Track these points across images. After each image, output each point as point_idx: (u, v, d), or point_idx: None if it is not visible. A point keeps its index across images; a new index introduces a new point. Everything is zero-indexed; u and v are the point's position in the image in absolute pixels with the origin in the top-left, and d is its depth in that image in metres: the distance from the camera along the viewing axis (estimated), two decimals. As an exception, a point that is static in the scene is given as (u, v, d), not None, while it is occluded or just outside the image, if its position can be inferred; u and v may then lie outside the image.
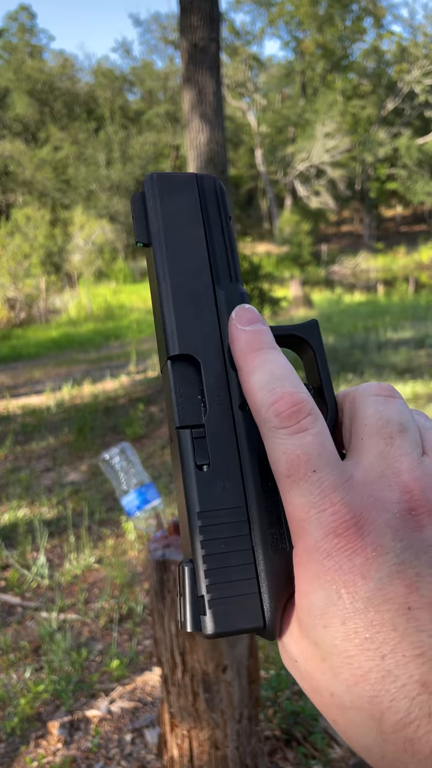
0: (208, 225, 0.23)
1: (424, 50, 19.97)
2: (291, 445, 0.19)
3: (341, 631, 0.17)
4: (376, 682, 0.17)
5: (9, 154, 19.02)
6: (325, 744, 1.28)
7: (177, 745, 1.08)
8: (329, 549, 0.18)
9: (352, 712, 0.17)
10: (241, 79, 21.81)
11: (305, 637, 0.19)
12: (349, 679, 0.17)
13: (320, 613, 0.18)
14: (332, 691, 0.18)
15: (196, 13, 4.98)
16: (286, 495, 0.19)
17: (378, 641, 0.17)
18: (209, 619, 0.19)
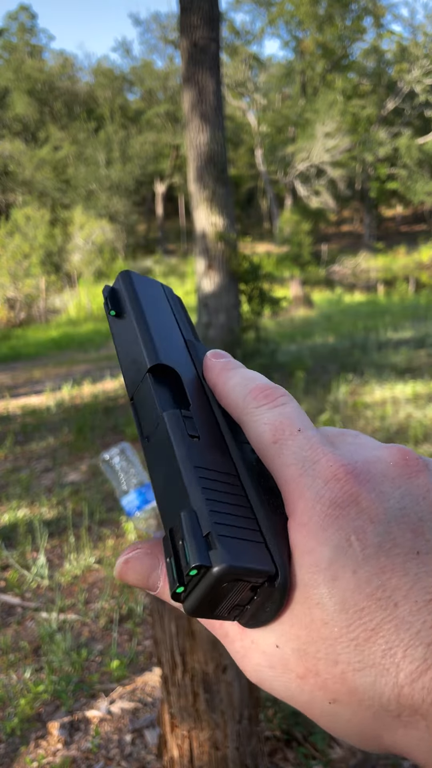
0: (174, 307, 0.27)
1: (425, 50, 19.96)
2: (273, 415, 0.20)
3: (352, 581, 0.17)
4: (389, 633, 0.16)
5: (9, 154, 19.01)
6: (325, 744, 1.28)
7: (177, 745, 1.08)
8: (333, 495, 0.18)
9: (361, 674, 0.16)
10: (241, 78, 21.81)
11: (304, 602, 0.18)
12: (359, 636, 0.16)
13: (328, 565, 0.17)
14: (336, 659, 0.17)
15: (196, 12, 4.97)
16: (275, 461, 0.19)
17: (390, 588, 0.16)
18: (221, 551, 0.17)
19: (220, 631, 0.20)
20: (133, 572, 0.21)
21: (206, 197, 5.22)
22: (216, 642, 1.03)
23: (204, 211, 5.25)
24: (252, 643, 0.19)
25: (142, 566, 0.21)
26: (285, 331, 8.06)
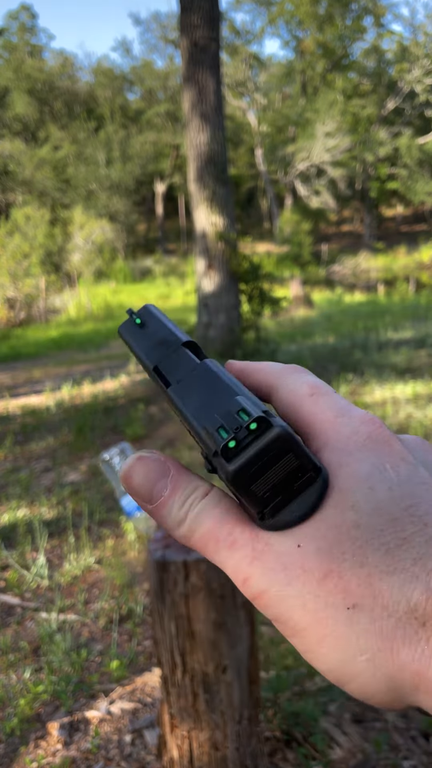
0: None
1: (425, 49, 19.94)
2: (310, 377, 0.22)
3: (387, 494, 0.18)
4: (421, 545, 0.17)
5: (9, 154, 19.01)
6: (325, 745, 1.28)
7: (177, 745, 1.08)
8: (369, 431, 0.19)
9: (389, 578, 0.17)
10: (242, 78, 21.80)
11: (337, 505, 0.18)
12: (391, 542, 0.17)
13: (365, 477, 0.18)
14: (363, 561, 0.17)
15: (197, 12, 4.97)
16: (311, 409, 0.21)
17: (421, 511, 0.18)
18: (278, 421, 0.18)
19: (228, 538, 0.19)
20: (143, 472, 0.20)
21: (206, 197, 5.21)
22: (216, 642, 1.02)
23: (204, 211, 5.24)
24: (266, 545, 0.19)
25: (154, 470, 0.20)
26: (285, 331, 8.05)
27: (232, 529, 0.19)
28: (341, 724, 1.36)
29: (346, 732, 1.33)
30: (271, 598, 0.18)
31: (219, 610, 1.02)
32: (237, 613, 1.05)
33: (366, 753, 1.26)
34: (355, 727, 1.35)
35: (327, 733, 1.32)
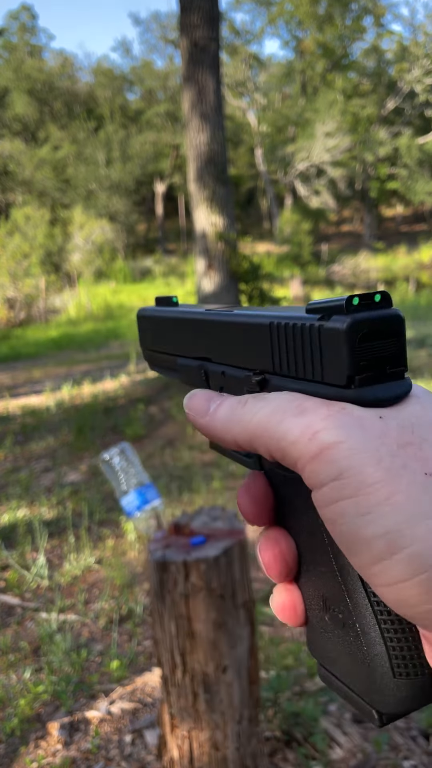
0: None
1: (425, 49, 19.94)
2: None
3: None
4: None
5: (8, 154, 19.00)
6: (325, 745, 1.28)
7: (177, 746, 1.08)
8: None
9: None
10: (241, 78, 21.79)
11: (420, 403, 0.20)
12: None
13: None
14: None
15: (196, 12, 4.96)
16: None
17: None
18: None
19: (297, 408, 0.20)
20: (200, 393, 0.24)
21: (206, 197, 5.21)
22: (216, 642, 1.02)
23: (204, 211, 5.24)
24: (343, 408, 0.19)
25: (209, 392, 0.24)
26: (285, 331, 8.03)
27: (301, 402, 0.20)
28: (341, 724, 1.36)
29: (346, 732, 1.33)
30: (342, 450, 0.18)
31: (219, 610, 1.02)
32: (237, 613, 1.05)
33: (366, 753, 1.26)
34: (356, 727, 1.35)
35: (327, 733, 1.32)
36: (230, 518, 1.16)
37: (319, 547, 0.23)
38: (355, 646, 0.23)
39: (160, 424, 4.18)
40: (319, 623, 0.25)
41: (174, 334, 0.33)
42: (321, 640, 0.25)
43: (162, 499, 1.24)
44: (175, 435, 3.91)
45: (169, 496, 2.80)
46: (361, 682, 0.23)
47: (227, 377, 0.27)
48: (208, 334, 0.29)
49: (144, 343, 0.37)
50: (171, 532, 1.11)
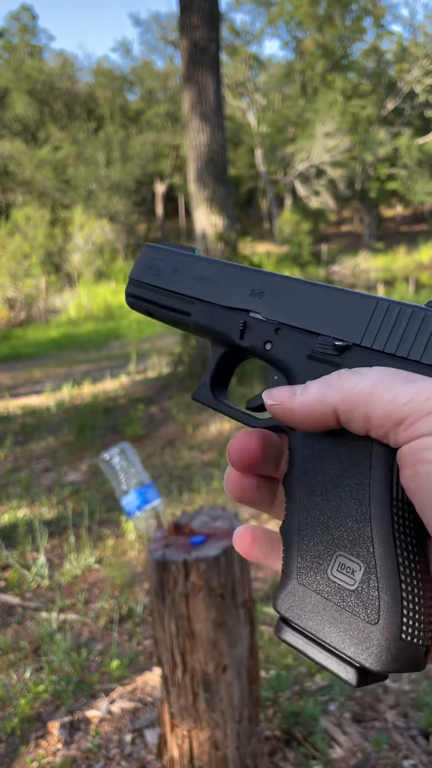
0: None
1: (425, 50, 19.95)
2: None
3: None
4: None
5: (9, 154, 19.01)
6: (325, 744, 1.28)
7: (177, 745, 1.08)
8: None
9: None
10: (241, 78, 21.79)
11: None
12: None
13: None
14: None
15: (196, 12, 4.97)
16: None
17: None
18: None
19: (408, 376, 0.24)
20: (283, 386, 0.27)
21: (206, 197, 5.21)
22: (216, 642, 1.03)
23: (204, 211, 5.25)
24: None
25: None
26: (285, 331, 8.03)
27: (408, 374, 0.23)
28: (341, 723, 1.36)
29: (346, 731, 1.33)
30: None
31: (219, 610, 1.02)
32: (237, 612, 1.05)
33: (366, 752, 1.26)
34: (355, 727, 1.35)
35: (327, 733, 1.32)
36: (230, 518, 1.16)
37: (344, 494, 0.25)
38: (360, 599, 0.23)
39: (160, 424, 4.18)
40: (306, 577, 0.25)
41: (203, 278, 0.33)
42: (299, 594, 0.25)
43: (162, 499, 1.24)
44: (175, 435, 3.91)
45: (170, 496, 2.81)
46: (351, 636, 0.23)
47: (282, 334, 0.28)
48: (269, 290, 0.30)
49: (141, 276, 0.36)
50: (171, 531, 1.11)
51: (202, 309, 0.32)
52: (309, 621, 0.25)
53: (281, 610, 0.26)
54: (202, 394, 0.32)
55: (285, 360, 0.28)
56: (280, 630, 0.26)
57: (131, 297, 0.37)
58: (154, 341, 8.25)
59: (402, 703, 1.43)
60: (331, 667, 0.24)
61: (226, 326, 0.31)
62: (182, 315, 0.34)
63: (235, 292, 0.31)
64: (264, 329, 0.29)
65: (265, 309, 0.30)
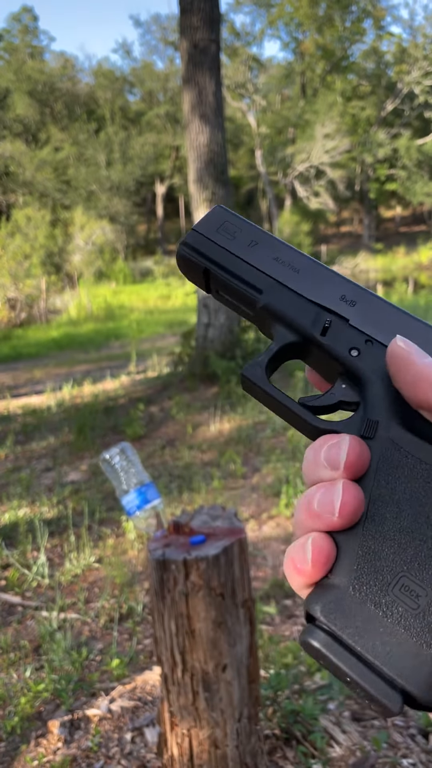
0: None
1: (424, 51, 19.99)
2: None
3: None
4: None
5: (9, 155, 19.04)
6: (324, 743, 1.28)
7: (177, 744, 1.09)
8: None
9: None
10: (241, 80, 21.83)
11: None
12: None
13: None
14: None
15: (197, 14, 4.98)
16: None
17: None
18: None
19: None
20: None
21: (206, 198, 5.23)
22: (216, 641, 1.03)
23: (204, 212, 5.25)
24: None
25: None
26: (285, 332, 8.05)
27: None
28: (340, 722, 1.36)
29: (345, 730, 1.33)
30: None
31: (219, 609, 1.03)
32: (237, 611, 1.05)
33: (365, 751, 1.27)
34: (355, 726, 1.35)
35: (326, 732, 1.32)
36: (230, 517, 1.17)
37: (421, 517, 0.24)
38: (422, 622, 0.22)
39: (160, 424, 4.19)
40: (363, 587, 0.23)
41: (286, 263, 0.31)
42: (348, 602, 0.23)
43: (162, 499, 1.24)
44: (175, 435, 3.91)
45: (169, 496, 2.81)
46: (403, 658, 0.21)
47: (371, 347, 0.28)
48: (361, 301, 0.30)
49: (210, 233, 0.32)
50: (171, 531, 1.12)
51: (281, 292, 0.30)
52: (354, 633, 0.22)
53: (320, 615, 0.23)
54: (255, 373, 0.29)
55: (368, 372, 0.28)
56: (311, 635, 0.23)
57: (190, 249, 0.32)
58: (154, 341, 8.26)
59: (401, 703, 1.43)
60: (370, 688, 0.21)
61: (305, 318, 0.30)
62: (252, 290, 0.31)
63: (323, 289, 0.30)
64: (353, 336, 0.29)
65: (356, 318, 0.29)
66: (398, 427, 0.26)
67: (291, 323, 0.30)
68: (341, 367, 0.29)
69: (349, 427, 0.27)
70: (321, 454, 0.26)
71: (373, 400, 0.27)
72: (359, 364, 0.28)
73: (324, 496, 0.25)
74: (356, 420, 0.27)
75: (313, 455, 0.26)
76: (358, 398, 0.28)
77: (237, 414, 4.20)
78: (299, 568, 0.24)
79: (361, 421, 0.27)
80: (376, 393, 0.27)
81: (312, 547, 0.24)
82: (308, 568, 0.24)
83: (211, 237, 0.32)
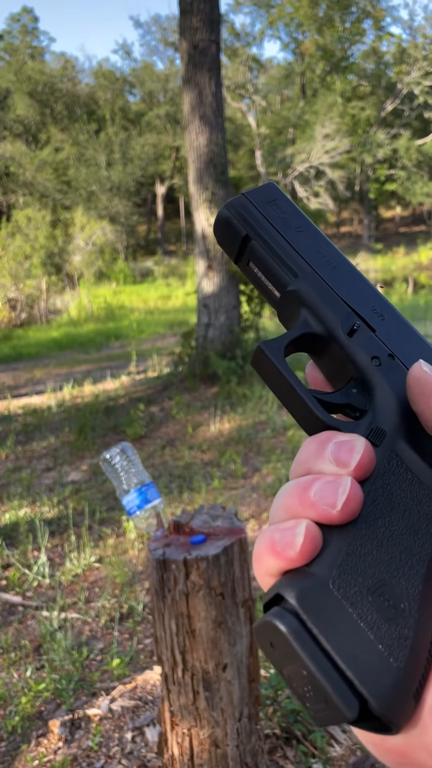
0: None
1: (424, 51, 20.01)
2: None
3: None
4: None
5: (10, 155, 19.06)
6: (324, 742, 1.28)
7: (177, 743, 1.09)
8: None
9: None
10: (241, 80, 21.86)
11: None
12: None
13: None
14: None
15: (196, 14, 4.99)
16: None
17: None
18: None
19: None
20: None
21: (206, 198, 5.23)
22: (216, 640, 1.03)
23: (204, 212, 5.26)
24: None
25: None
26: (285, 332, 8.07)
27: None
28: (341, 721, 1.36)
29: (345, 729, 1.34)
30: None
31: (219, 609, 1.03)
32: (237, 611, 1.06)
33: (365, 751, 1.27)
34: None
35: (326, 731, 1.33)
36: (230, 517, 1.17)
37: (411, 533, 0.23)
38: (393, 632, 0.21)
39: (160, 424, 4.19)
40: (342, 585, 0.22)
41: (328, 258, 0.31)
42: (325, 596, 0.22)
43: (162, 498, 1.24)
44: (175, 435, 3.92)
45: (170, 496, 2.81)
46: (367, 664, 0.21)
47: (392, 362, 0.28)
48: (389, 317, 0.30)
49: (260, 205, 0.31)
50: (171, 530, 1.12)
51: (317, 283, 0.30)
52: (325, 628, 0.21)
53: (294, 601, 0.22)
54: (272, 349, 0.28)
55: (385, 384, 0.27)
56: (280, 618, 0.21)
57: (234, 212, 0.31)
58: (155, 341, 8.27)
59: (401, 702, 1.43)
60: (330, 687, 0.20)
61: (335, 315, 0.29)
62: (288, 271, 0.30)
63: (357, 294, 0.30)
64: (378, 346, 0.29)
65: (382, 332, 0.29)
66: (404, 443, 0.26)
67: (320, 314, 0.29)
68: (357, 372, 0.28)
69: (353, 430, 0.27)
70: (328, 449, 0.25)
71: (384, 412, 0.27)
72: (378, 373, 0.28)
73: (326, 487, 0.23)
74: (362, 425, 0.27)
75: (316, 448, 0.25)
76: (365, 406, 0.28)
77: (237, 414, 4.20)
78: (280, 552, 0.23)
79: (368, 427, 0.26)
80: (390, 406, 0.27)
81: (305, 533, 0.23)
82: (293, 553, 0.22)
83: (260, 207, 0.31)
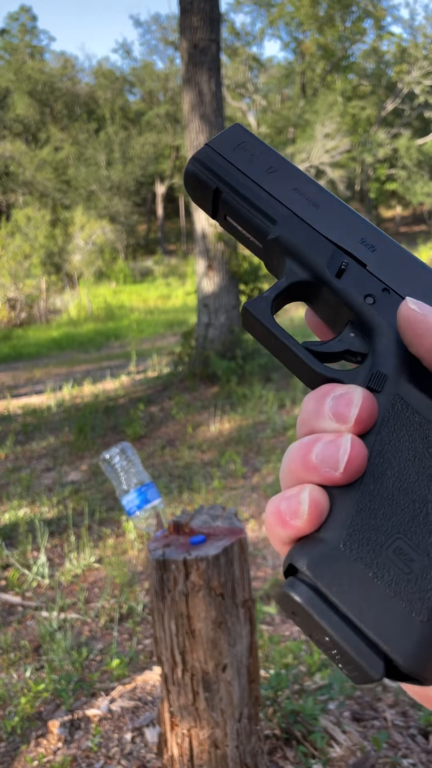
0: None
1: (424, 51, 20.00)
2: None
3: None
4: None
5: (9, 155, 19.04)
6: (324, 743, 1.28)
7: (177, 744, 1.09)
8: None
9: None
10: (241, 79, 21.85)
11: None
12: None
13: None
14: None
15: (197, 14, 4.98)
16: None
17: None
18: None
19: None
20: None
21: (206, 198, 5.22)
22: (216, 641, 1.03)
23: (204, 212, 5.25)
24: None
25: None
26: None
27: None
28: (341, 722, 1.36)
29: (345, 730, 1.33)
30: None
31: (219, 609, 1.03)
32: (237, 611, 1.05)
33: (365, 751, 1.27)
34: (355, 726, 1.35)
35: (326, 731, 1.32)
36: (230, 517, 1.17)
37: (423, 479, 0.22)
38: (413, 588, 0.20)
39: (160, 424, 4.19)
40: (354, 545, 0.22)
41: (305, 196, 0.29)
42: (338, 560, 0.21)
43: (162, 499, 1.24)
44: (175, 435, 3.92)
45: (170, 496, 2.81)
46: (391, 624, 0.20)
47: (387, 297, 0.26)
48: (381, 248, 0.27)
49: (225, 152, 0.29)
50: (171, 531, 1.12)
51: (297, 226, 0.28)
52: (340, 592, 0.21)
53: (305, 569, 0.21)
54: (259, 308, 0.27)
55: (381, 323, 0.25)
56: (293, 589, 0.21)
57: (201, 166, 0.29)
58: (154, 341, 8.26)
59: (401, 702, 1.43)
60: (352, 650, 0.20)
61: (320, 257, 0.27)
62: (265, 219, 0.28)
63: (343, 229, 0.28)
64: (370, 282, 0.26)
65: (374, 264, 0.27)
66: (408, 384, 0.24)
67: (304, 260, 0.27)
68: (352, 315, 0.26)
69: (353, 379, 0.25)
70: (326, 404, 0.23)
71: (384, 353, 0.25)
72: (373, 313, 0.26)
73: (326, 448, 0.22)
74: (362, 372, 0.25)
75: (315, 404, 0.24)
76: (366, 349, 0.26)
77: (237, 414, 4.20)
78: (287, 522, 0.22)
79: (368, 373, 0.25)
80: (388, 346, 0.25)
81: (309, 500, 0.22)
82: (300, 521, 0.22)
83: (226, 156, 0.29)
